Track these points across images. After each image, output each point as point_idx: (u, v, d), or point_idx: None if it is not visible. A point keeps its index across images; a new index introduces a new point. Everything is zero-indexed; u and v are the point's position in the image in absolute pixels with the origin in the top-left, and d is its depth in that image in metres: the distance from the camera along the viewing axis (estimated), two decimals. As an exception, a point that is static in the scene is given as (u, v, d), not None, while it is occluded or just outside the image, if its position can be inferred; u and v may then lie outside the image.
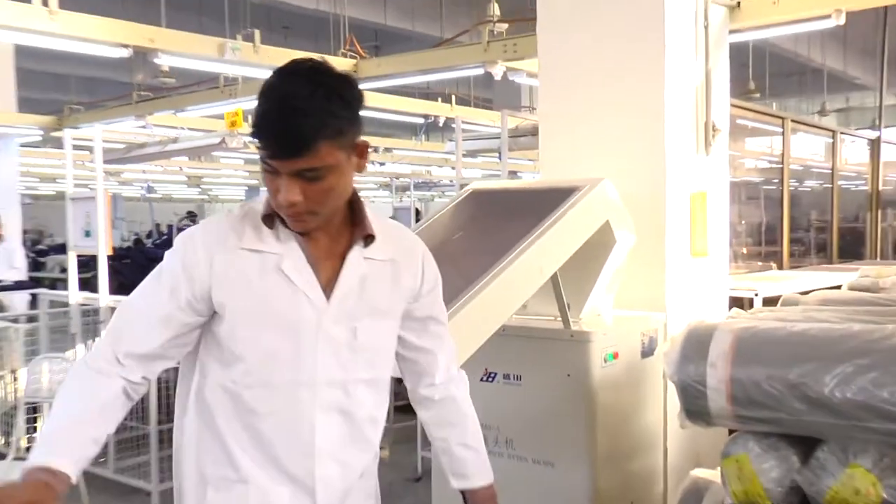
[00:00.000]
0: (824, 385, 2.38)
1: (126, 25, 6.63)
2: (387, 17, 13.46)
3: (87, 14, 6.42)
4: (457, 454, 2.28)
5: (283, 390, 1.99)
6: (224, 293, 1.96)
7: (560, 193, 3.45)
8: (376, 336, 2.07)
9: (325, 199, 1.90)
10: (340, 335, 2.00)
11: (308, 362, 1.98)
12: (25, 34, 6.33)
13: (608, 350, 3.44)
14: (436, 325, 2.22)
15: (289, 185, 1.84)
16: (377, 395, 2.10)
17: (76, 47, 6.58)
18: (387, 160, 17.85)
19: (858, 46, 16.19)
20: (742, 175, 7.06)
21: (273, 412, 1.99)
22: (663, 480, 3.79)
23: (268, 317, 1.97)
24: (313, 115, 1.79)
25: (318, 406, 1.99)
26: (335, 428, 2.02)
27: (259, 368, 1.98)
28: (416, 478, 6.05)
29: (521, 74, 7.29)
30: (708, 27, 4.19)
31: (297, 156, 1.80)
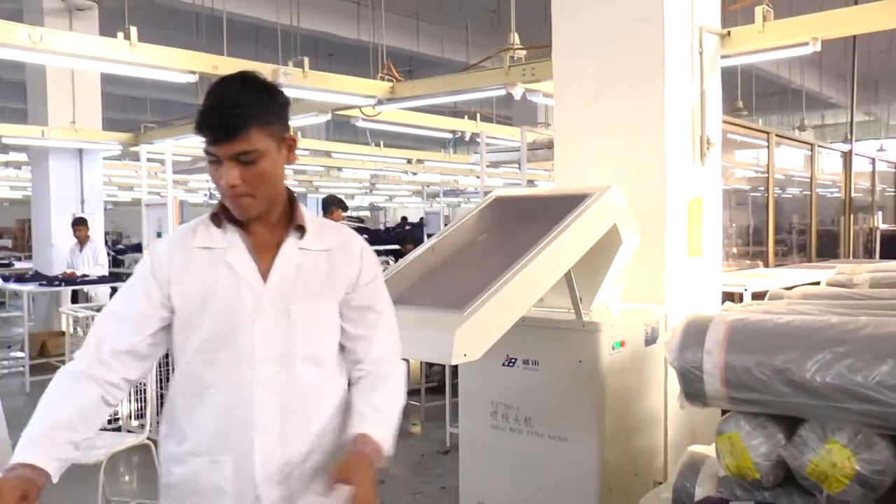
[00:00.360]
0: (806, 370, 2.35)
1: (193, 55, 6.69)
2: (419, 46, 13.47)
3: (160, 46, 6.49)
4: (360, 410, 2.05)
5: (227, 366, 1.99)
6: (181, 285, 2.02)
7: (573, 200, 3.44)
8: (311, 316, 2.04)
9: (261, 184, 1.95)
10: (276, 315, 2.00)
11: (246, 340, 1.99)
12: (110, 64, 6.42)
13: (616, 339, 3.42)
14: (373, 314, 2.14)
15: (229, 169, 1.91)
16: (319, 372, 2.06)
17: (151, 74, 6.65)
18: (419, 170, 17.89)
19: (832, 70, 16.08)
20: (732, 183, 7.00)
21: (218, 387, 2.00)
22: (664, 455, 3.76)
23: (213, 301, 2.00)
24: (244, 106, 1.90)
25: (257, 380, 1.98)
26: (274, 402, 1.99)
27: (207, 347, 2.01)
28: (445, 451, 6.04)
29: (538, 95, 7.26)
30: (702, 53, 4.17)
31: (233, 139, 1.89)
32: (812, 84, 16.55)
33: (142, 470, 5.72)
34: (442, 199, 18.52)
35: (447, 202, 23.61)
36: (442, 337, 2.66)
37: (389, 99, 7.96)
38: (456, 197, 25.63)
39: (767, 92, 16.51)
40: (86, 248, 9.88)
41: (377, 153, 14.09)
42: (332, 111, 8.82)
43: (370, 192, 26.49)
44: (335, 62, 13.88)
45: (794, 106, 17.40)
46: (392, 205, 33.84)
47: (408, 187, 24.36)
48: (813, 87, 16.69)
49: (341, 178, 21.57)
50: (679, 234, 4.03)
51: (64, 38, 6.22)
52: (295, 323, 2.02)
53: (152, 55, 6.36)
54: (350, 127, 10.43)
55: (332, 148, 15.10)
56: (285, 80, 6.99)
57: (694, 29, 4.15)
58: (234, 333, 2.00)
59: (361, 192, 25.00)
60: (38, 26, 6.13)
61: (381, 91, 7.84)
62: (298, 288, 2.03)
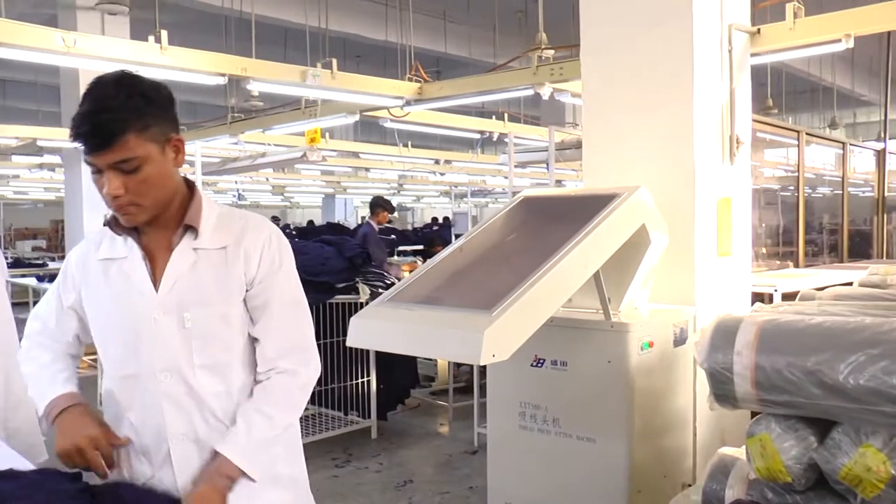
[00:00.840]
0: (839, 372, 2.32)
1: (222, 57, 6.75)
2: (447, 46, 13.47)
3: (190, 48, 6.55)
4: (234, 424, 1.95)
5: (134, 381, 1.97)
6: (87, 302, 2.05)
7: (601, 200, 3.42)
8: (206, 322, 1.94)
9: (146, 191, 1.86)
10: (170, 324, 1.93)
11: (146, 352, 1.95)
12: (141, 67, 6.48)
13: (644, 339, 3.40)
14: (268, 314, 1.99)
15: (110, 179, 1.82)
16: (220, 380, 1.97)
17: (181, 76, 6.71)
18: (447, 171, 17.89)
19: (865, 67, 15.83)
20: (762, 182, 6.93)
21: (131, 402, 1.99)
22: (692, 456, 3.73)
23: (113, 316, 1.99)
24: (117, 111, 1.79)
25: (162, 393, 1.94)
26: (183, 412, 1.95)
27: (115, 363, 2.02)
28: (473, 451, 6.04)
29: (566, 94, 7.25)
30: (732, 51, 4.12)
31: (108, 148, 1.79)
32: (843, 81, 16.33)
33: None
34: (469, 200, 18.48)
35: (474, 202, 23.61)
36: (471, 337, 2.66)
37: (417, 100, 7.98)
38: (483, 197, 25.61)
39: (797, 90, 16.32)
40: (118, 249, 9.98)
41: (405, 154, 14.11)
42: (360, 112, 8.85)
43: (398, 193, 26.57)
44: (363, 63, 13.92)
45: (825, 104, 17.19)
46: (420, 205, 33.91)
47: (435, 188, 24.39)
48: (844, 84, 16.47)
49: (369, 179, 21.63)
50: (708, 234, 3.99)
51: (96, 42, 6.30)
52: (189, 331, 1.93)
53: (182, 58, 6.43)
54: (378, 128, 10.47)
55: (360, 149, 15.15)
56: (313, 81, 7.04)
57: (723, 27, 4.11)
58: (135, 347, 1.96)
59: (389, 192, 25.06)
60: (71, 31, 6.22)
61: (408, 92, 7.86)
62: (193, 292, 1.94)
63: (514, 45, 11.14)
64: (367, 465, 5.78)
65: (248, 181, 19.74)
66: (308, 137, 8.81)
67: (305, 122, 9.29)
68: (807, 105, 18.41)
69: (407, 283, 3.29)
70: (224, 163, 10.98)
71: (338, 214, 27.96)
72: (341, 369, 6.30)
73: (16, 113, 17.66)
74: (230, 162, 10.70)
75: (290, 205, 33.56)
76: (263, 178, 19.59)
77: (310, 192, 27.89)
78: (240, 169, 10.71)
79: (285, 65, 7.33)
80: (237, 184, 19.80)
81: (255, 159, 10.11)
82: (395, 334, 3.02)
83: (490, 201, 26.80)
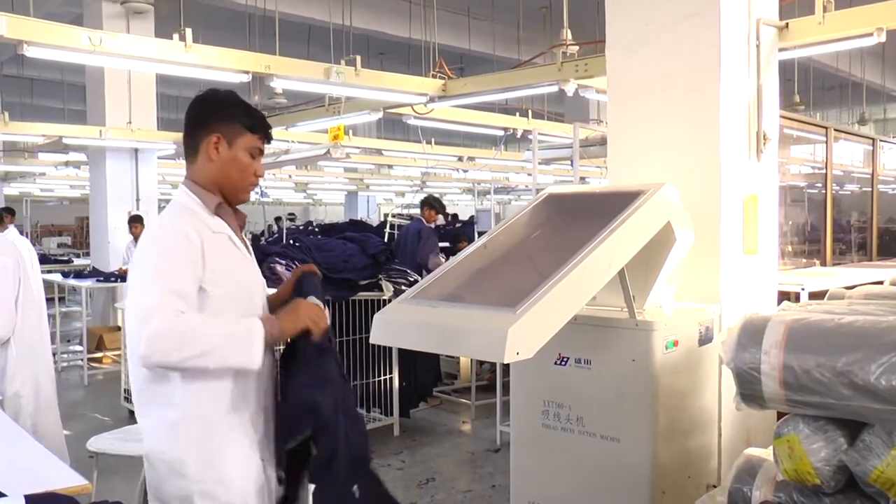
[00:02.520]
0: (870, 373, 2.27)
1: (246, 55, 6.77)
2: (471, 43, 13.45)
3: (214, 46, 6.58)
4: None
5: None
6: (212, 269, 2.23)
7: (626, 197, 3.39)
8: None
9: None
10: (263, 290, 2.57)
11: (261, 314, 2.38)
12: (166, 65, 6.54)
13: (669, 338, 3.36)
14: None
15: (260, 162, 2.49)
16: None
17: (205, 74, 6.75)
18: (470, 167, 17.87)
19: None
20: (789, 180, 6.85)
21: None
22: (717, 457, 3.69)
23: (242, 283, 2.36)
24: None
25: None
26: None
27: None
28: (496, 449, 6.02)
29: (591, 91, 7.22)
30: (759, 46, 4.07)
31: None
32: (873, 76, 16.11)
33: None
34: (493, 197, 18.43)
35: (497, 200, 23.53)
36: (494, 335, 2.64)
37: (441, 97, 7.97)
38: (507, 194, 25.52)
39: (826, 85, 16.16)
40: (142, 245, 10.06)
41: (428, 151, 14.11)
42: (384, 109, 8.86)
43: (421, 190, 26.56)
44: (387, 60, 13.94)
45: (855, 99, 17.00)
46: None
47: (458, 185, 24.35)
48: (874, 79, 16.25)
49: (392, 176, 21.65)
50: (734, 231, 3.95)
51: (122, 41, 6.34)
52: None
53: (206, 56, 6.46)
54: (401, 125, 10.47)
55: (383, 146, 15.17)
56: (337, 78, 7.04)
57: (751, 21, 4.05)
58: (255, 309, 2.34)
59: (412, 190, 25.06)
60: (97, 30, 6.26)
61: (432, 89, 7.85)
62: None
63: (539, 42, 11.12)
64: (389, 462, 5.78)
65: (270, 178, 19.79)
66: (331, 134, 8.82)
67: (329, 119, 9.32)
68: (835, 101, 18.21)
69: (430, 281, 3.28)
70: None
71: (360, 212, 27.97)
72: (364, 366, 6.31)
73: (42, 111, 17.86)
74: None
75: (313, 202, 33.64)
76: (286, 175, 19.66)
77: (332, 189, 27.94)
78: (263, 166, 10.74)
79: (309, 62, 7.34)
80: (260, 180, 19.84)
81: (278, 156, 10.13)
82: (419, 332, 3.01)
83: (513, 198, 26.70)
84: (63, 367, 9.54)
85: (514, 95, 8.58)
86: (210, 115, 2.39)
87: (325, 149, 8.86)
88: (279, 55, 7.28)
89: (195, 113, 2.41)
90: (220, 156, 2.36)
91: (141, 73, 10.35)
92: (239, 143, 2.38)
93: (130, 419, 6.83)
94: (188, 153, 2.42)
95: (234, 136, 2.38)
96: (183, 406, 2.19)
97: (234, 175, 2.39)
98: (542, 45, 8.80)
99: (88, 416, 7.23)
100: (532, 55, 8.45)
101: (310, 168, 18.83)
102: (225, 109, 2.40)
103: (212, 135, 2.36)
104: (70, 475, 2.20)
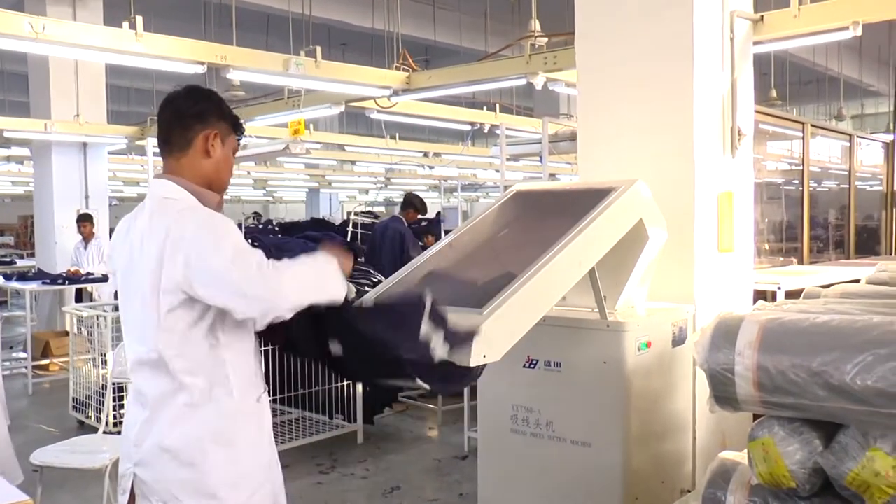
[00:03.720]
0: (845, 373, 2.31)
1: (201, 45, 6.72)
2: (436, 34, 13.45)
3: (167, 35, 6.52)
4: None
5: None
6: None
7: (597, 194, 3.42)
8: None
9: None
10: None
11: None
12: (115, 54, 6.47)
13: (642, 339, 3.40)
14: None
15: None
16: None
17: (157, 65, 6.69)
18: (436, 164, 17.88)
19: (873, 56, 15.92)
20: (765, 176, 6.95)
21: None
22: (692, 461, 3.74)
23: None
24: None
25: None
26: None
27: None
28: (463, 456, 6.03)
29: (561, 84, 7.25)
30: (734, 39, 4.13)
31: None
32: (851, 71, 16.38)
33: (148, 476, 5.73)
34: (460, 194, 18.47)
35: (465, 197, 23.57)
36: (460, 337, 2.64)
37: (405, 89, 7.96)
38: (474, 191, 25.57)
39: (802, 80, 16.38)
40: (90, 246, 9.95)
41: (392, 146, 14.10)
42: (346, 103, 8.83)
43: (385, 187, 26.52)
44: (348, 51, 13.91)
45: (832, 94, 17.25)
46: (408, 200, 33.84)
47: (424, 181, 24.35)
48: (852, 73, 16.51)
49: (355, 173, 21.59)
50: (708, 229, 4.00)
51: (67, 28, 6.25)
52: None
53: (159, 45, 6.39)
54: (364, 119, 10.47)
55: (346, 141, 15.12)
56: (296, 70, 7.01)
57: (724, 14, 4.11)
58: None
59: (376, 186, 25.03)
60: (40, 16, 6.18)
61: (396, 81, 7.84)
62: None
63: (507, 33, 11.14)
64: (352, 471, 5.77)
65: (228, 175, 19.65)
66: (291, 129, 8.76)
67: (288, 112, 9.27)
68: (812, 96, 18.48)
69: (394, 281, 3.28)
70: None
71: (322, 210, 27.87)
72: (325, 371, 6.28)
73: (-19, 103, 17.55)
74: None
75: (273, 199, 33.46)
76: (244, 171, 19.51)
77: (293, 186, 27.81)
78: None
79: (267, 53, 7.30)
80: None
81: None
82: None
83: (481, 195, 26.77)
84: (5, 376, 9.39)
85: (482, 89, 8.58)
86: (209, 109, 2.40)
87: (284, 144, 8.79)
88: (236, 45, 7.24)
89: (193, 105, 2.39)
90: (216, 152, 2.38)
91: (89, 63, 10.21)
92: (228, 142, 2.43)
93: (79, 430, 6.75)
94: (174, 148, 2.38)
95: (225, 135, 2.42)
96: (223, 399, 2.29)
97: (224, 174, 2.44)
98: (511, 36, 8.83)
99: (33, 428, 7.12)
100: (500, 47, 8.47)
101: (269, 164, 18.72)
102: (220, 106, 2.43)
103: (209, 130, 2.37)
104: (8, 490, 2.14)
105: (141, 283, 2.25)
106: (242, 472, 2.32)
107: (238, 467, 2.30)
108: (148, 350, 2.27)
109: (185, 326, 2.21)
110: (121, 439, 2.46)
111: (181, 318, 2.21)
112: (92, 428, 6.11)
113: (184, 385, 2.24)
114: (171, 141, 2.38)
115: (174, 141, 2.38)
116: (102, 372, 6.73)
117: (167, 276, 2.17)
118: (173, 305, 2.20)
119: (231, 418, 2.29)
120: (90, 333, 7.12)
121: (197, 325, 2.22)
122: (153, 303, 2.22)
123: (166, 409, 2.26)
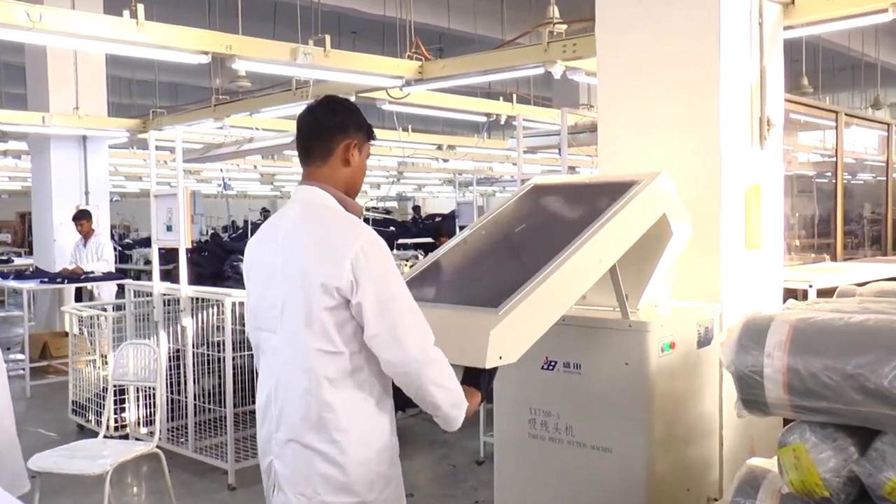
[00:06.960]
0: (883, 377, 2.29)
1: (205, 34, 6.73)
2: (450, 21, 13.44)
3: (170, 24, 6.53)
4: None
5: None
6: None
7: (618, 187, 3.41)
8: None
9: None
10: None
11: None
12: (116, 44, 6.48)
13: (665, 340, 3.38)
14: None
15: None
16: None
17: (160, 55, 6.70)
18: (450, 157, 17.87)
19: (914, 40, 15.77)
20: (795, 168, 6.91)
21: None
22: (719, 468, 3.72)
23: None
24: None
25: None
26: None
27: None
28: (479, 461, 6.03)
29: (580, 73, 7.22)
30: (763, 24, 4.10)
31: None
32: (889, 56, 16.24)
33: (151, 480, 5.77)
34: (475, 188, 18.50)
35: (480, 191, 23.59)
36: (475, 338, 2.65)
37: (418, 80, 7.95)
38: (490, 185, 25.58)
39: (836, 66, 16.26)
40: (90, 243, 9.99)
41: (405, 139, 14.09)
42: (356, 93, 8.83)
43: (397, 181, 26.56)
44: (359, 40, 13.91)
45: (868, 82, 17.11)
46: (422, 194, 33.89)
47: (438, 175, 24.37)
48: (890, 59, 16.38)
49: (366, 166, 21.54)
50: (735, 224, 3.98)
51: (65, 17, 6.27)
52: None
53: (161, 35, 6.40)
54: (375, 110, 10.44)
55: (356, 133, 15.08)
56: (304, 60, 7.01)
57: (753, -3, 4.08)
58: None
59: (388, 181, 25.06)
60: (37, 5, 6.20)
61: (408, 71, 7.83)
62: None
63: (524, 20, 11.11)
64: (363, 478, 5.77)
65: (234, 169, 19.73)
66: (299, 121, 8.79)
67: (297, 104, 9.27)
68: (847, 83, 18.34)
69: (407, 279, 3.28)
70: (207, 149, 10.95)
71: (332, 205, 27.90)
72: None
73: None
74: (214, 148, 10.67)
75: (280, 195, 33.54)
76: (251, 165, 19.56)
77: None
78: (225, 156, 10.70)
79: (274, 42, 7.30)
80: (222, 172, 19.77)
81: (241, 145, 10.10)
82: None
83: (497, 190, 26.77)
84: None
85: (498, 78, 8.56)
86: (348, 120, 2.62)
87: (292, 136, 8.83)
88: (242, 34, 7.25)
89: (333, 117, 2.61)
90: (355, 160, 2.61)
91: (88, 54, 10.26)
92: (364, 150, 2.66)
93: (79, 434, 6.79)
94: (315, 157, 2.60)
95: (362, 143, 2.64)
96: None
97: (360, 180, 2.67)
98: (528, 23, 8.81)
99: (31, 432, 7.16)
100: (517, 34, 8.46)
101: (276, 158, 18.75)
102: (358, 117, 2.64)
103: (349, 140, 2.59)
104: (9, 501, 2.16)
105: (308, 280, 2.41)
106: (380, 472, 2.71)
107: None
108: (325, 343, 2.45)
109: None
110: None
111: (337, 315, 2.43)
112: (92, 432, 6.15)
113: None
114: (313, 151, 2.61)
115: (316, 151, 2.60)
116: (103, 374, 6.77)
117: (344, 282, 2.36)
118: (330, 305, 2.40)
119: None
120: (90, 334, 7.17)
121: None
122: (318, 299, 2.40)
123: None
